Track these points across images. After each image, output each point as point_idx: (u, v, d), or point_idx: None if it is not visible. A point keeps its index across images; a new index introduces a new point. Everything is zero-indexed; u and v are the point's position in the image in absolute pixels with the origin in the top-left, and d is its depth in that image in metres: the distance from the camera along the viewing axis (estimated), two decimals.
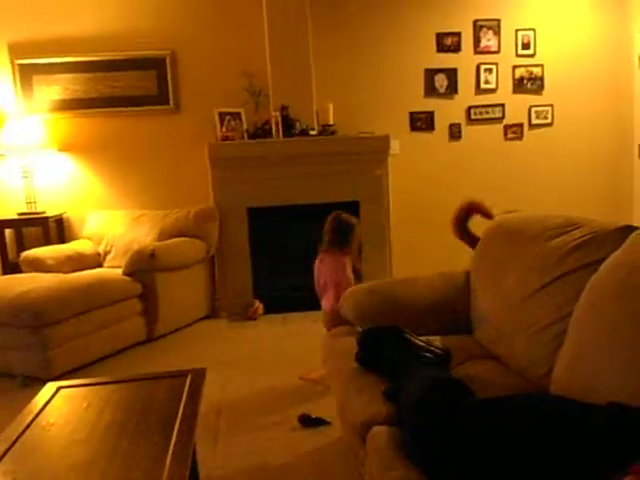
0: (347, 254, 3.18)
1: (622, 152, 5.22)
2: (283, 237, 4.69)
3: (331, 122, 4.63)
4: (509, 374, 1.98)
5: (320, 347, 2.63)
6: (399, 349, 1.98)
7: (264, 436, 2.59)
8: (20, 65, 4.71)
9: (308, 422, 2.65)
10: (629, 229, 1.81)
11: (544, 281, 1.96)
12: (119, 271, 4.00)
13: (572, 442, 1.25)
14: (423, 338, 2.07)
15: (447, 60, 5.01)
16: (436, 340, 2.14)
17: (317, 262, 3.25)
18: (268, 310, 4.57)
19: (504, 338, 2.11)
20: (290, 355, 3.61)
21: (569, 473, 1.21)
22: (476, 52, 5.02)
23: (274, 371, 3.35)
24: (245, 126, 4.63)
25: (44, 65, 4.71)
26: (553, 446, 1.26)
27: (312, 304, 4.46)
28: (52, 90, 4.76)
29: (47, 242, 4.54)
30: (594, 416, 1.29)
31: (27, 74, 4.73)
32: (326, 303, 3.13)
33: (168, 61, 4.79)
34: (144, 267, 3.94)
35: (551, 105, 5.13)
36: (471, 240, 2.65)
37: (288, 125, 4.50)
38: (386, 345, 2.02)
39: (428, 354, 1.97)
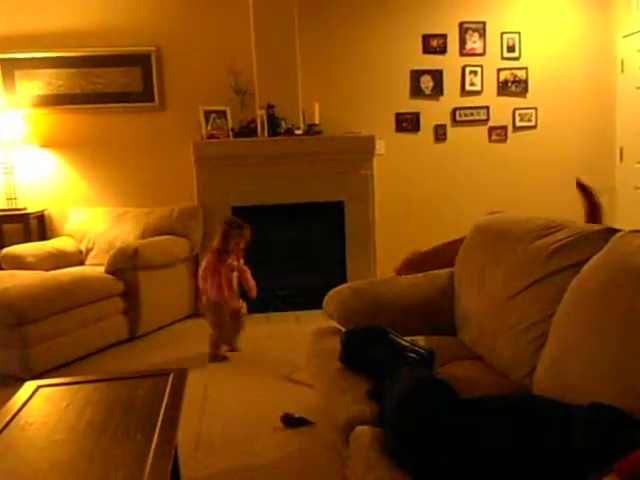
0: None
1: (604, 155, 5.27)
2: (267, 237, 4.66)
3: (317, 122, 4.62)
4: (492, 374, 1.99)
5: (304, 347, 2.62)
6: (383, 349, 1.98)
7: (247, 436, 2.57)
8: (1, 60, 4.63)
9: (291, 422, 2.64)
10: (611, 231, 1.83)
11: (527, 282, 1.97)
12: (101, 269, 3.95)
13: (554, 442, 1.25)
14: (407, 338, 2.07)
15: (433, 61, 5.02)
16: (420, 340, 2.14)
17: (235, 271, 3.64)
18: (251, 310, 4.54)
19: (487, 339, 2.12)
20: (274, 355, 3.60)
21: (552, 473, 1.22)
22: (462, 54, 5.04)
23: (257, 371, 3.33)
24: (230, 124, 4.60)
25: (26, 60, 4.64)
26: (535, 445, 1.26)
27: (296, 304, 4.50)
28: (34, 85, 4.69)
29: (28, 239, 4.47)
30: (576, 416, 1.30)
31: (9, 69, 4.65)
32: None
33: (153, 57, 4.74)
34: (127, 265, 3.89)
35: (535, 108, 5.17)
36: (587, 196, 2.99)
37: (273, 124, 4.48)
38: (370, 345, 2.02)
39: (412, 354, 1.97)
